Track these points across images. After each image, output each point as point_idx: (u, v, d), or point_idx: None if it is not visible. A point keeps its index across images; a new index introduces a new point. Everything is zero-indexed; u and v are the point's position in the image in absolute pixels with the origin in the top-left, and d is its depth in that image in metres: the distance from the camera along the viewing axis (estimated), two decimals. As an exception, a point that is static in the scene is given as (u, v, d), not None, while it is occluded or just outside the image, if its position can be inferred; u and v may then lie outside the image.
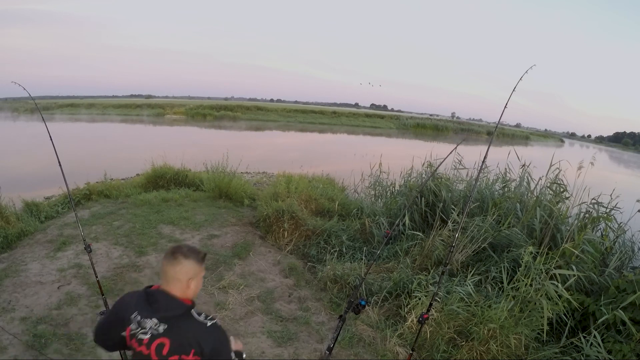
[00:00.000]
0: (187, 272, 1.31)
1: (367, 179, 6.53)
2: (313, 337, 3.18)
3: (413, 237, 4.35)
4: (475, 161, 5.01)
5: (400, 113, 60.33)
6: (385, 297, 3.57)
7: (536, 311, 2.93)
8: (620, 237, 4.34)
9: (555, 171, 4.43)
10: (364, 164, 6.73)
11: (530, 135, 47.10)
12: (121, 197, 6.36)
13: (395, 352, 2.97)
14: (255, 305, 3.56)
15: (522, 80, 2.56)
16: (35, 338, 2.83)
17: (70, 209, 5.56)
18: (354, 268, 3.94)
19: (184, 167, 7.55)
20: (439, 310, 3.07)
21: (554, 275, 3.03)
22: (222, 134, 23.31)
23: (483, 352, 2.81)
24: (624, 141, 77.30)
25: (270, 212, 5.23)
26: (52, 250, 4.26)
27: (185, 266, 1.31)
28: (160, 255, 4.36)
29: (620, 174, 20.01)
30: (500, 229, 4.00)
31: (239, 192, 6.67)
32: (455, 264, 3.81)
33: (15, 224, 4.67)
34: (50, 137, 2.78)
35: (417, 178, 5.32)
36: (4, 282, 3.55)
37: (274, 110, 39.33)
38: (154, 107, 35.14)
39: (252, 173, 9.70)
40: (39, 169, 8.95)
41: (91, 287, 3.55)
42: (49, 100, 39.35)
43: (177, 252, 1.32)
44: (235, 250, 4.69)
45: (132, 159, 10.11)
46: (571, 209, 4.33)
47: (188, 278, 1.32)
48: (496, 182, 5.27)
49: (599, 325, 2.96)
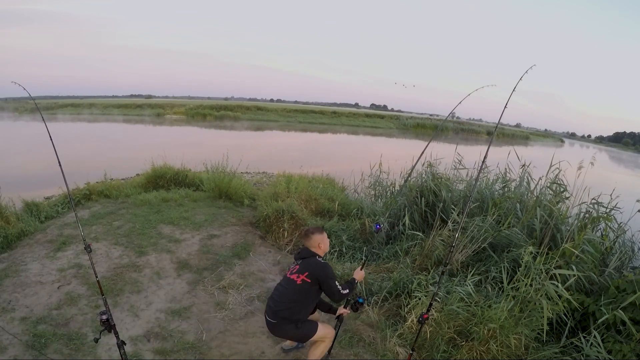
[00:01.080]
0: (315, 240, 2.46)
1: (367, 179, 6.53)
2: (313, 337, 3.17)
3: (413, 237, 4.35)
4: (475, 161, 5.01)
5: (400, 113, 60.26)
6: (385, 297, 3.57)
7: (536, 311, 2.92)
8: (620, 237, 4.34)
9: (555, 171, 4.43)
10: (364, 164, 6.73)
11: (530, 135, 47.09)
12: (121, 197, 6.36)
13: (395, 352, 2.97)
14: (255, 305, 3.56)
15: (522, 80, 2.56)
16: (35, 338, 2.83)
17: (70, 209, 5.56)
18: (354, 268, 3.93)
19: (184, 167, 7.55)
20: (439, 310, 3.07)
21: (554, 275, 3.03)
22: (222, 134, 23.30)
23: (483, 352, 2.81)
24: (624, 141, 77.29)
25: (270, 212, 5.23)
26: (52, 250, 4.27)
27: (313, 239, 2.47)
28: (160, 255, 4.37)
29: (620, 174, 20.01)
30: (500, 229, 4.00)
31: (239, 192, 6.67)
32: (455, 264, 3.80)
33: (15, 224, 4.67)
34: (50, 137, 2.78)
35: (417, 178, 5.32)
36: (4, 282, 3.55)
37: (274, 110, 39.31)
38: (154, 107, 35.13)
39: (252, 173, 9.70)
40: (39, 169, 8.95)
41: (91, 287, 3.56)
42: (49, 100, 39.35)
43: (308, 232, 2.49)
44: (235, 250, 4.69)
45: (132, 159, 10.12)
46: (571, 209, 4.33)
47: (318, 243, 2.47)
48: (496, 182, 5.27)
49: (599, 325, 2.96)
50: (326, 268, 2.37)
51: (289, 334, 2.44)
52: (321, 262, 2.39)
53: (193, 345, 2.93)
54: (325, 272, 2.34)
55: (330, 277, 2.33)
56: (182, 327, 3.15)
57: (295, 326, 2.35)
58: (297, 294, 2.34)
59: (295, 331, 2.37)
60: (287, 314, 2.32)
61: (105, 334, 2.22)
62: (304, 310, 2.38)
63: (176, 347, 2.90)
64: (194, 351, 2.88)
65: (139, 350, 2.83)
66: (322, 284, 2.33)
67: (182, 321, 3.24)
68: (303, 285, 2.32)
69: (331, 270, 2.39)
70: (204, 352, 2.89)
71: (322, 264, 2.38)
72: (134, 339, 2.93)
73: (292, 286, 2.35)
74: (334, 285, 2.33)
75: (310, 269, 2.34)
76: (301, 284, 2.32)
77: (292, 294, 2.35)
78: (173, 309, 3.39)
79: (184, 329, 3.13)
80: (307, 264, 2.37)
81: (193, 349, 2.91)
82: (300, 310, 2.35)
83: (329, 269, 2.38)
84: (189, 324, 3.20)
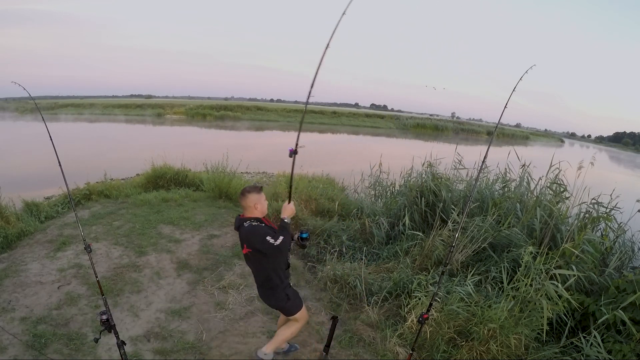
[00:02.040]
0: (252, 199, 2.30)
1: (367, 179, 6.53)
2: (313, 337, 3.17)
3: (413, 237, 4.35)
4: (475, 161, 5.01)
5: (400, 113, 60.30)
6: (385, 297, 3.57)
7: (536, 311, 2.92)
8: (620, 237, 4.34)
9: (555, 171, 4.43)
10: (364, 164, 6.72)
11: (530, 135, 47.10)
12: (121, 197, 6.37)
13: (395, 352, 2.97)
14: (255, 305, 3.55)
15: (522, 80, 2.56)
16: (35, 338, 2.83)
17: (70, 209, 5.56)
18: (354, 268, 3.93)
19: (184, 167, 7.56)
20: (439, 310, 3.07)
21: (554, 275, 3.02)
22: (222, 134, 23.30)
23: (483, 352, 2.81)
24: (624, 141, 77.24)
25: (270, 212, 5.23)
26: (52, 250, 4.27)
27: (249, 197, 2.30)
28: (160, 255, 4.37)
29: (620, 174, 20.00)
30: (500, 229, 4.00)
31: (238, 192, 6.66)
32: (455, 264, 3.80)
33: (15, 224, 4.67)
34: (50, 137, 2.77)
35: (417, 178, 5.32)
36: (4, 282, 3.55)
37: (274, 110, 39.32)
38: (154, 107, 35.14)
39: (252, 173, 9.71)
40: (39, 169, 8.95)
41: (91, 287, 3.56)
42: (49, 100, 39.35)
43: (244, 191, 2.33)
44: (235, 250, 4.69)
45: (132, 159, 10.12)
46: (571, 209, 4.33)
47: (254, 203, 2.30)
48: (496, 182, 5.27)
49: (599, 325, 2.95)
50: (255, 230, 2.22)
51: (280, 304, 2.46)
52: (249, 228, 2.23)
53: (193, 345, 2.93)
54: (256, 235, 2.20)
55: (261, 236, 2.18)
56: (182, 327, 3.15)
57: (287, 296, 2.40)
58: (258, 264, 2.34)
59: (287, 302, 2.43)
60: (265, 284, 2.39)
61: (105, 334, 2.22)
62: (272, 274, 2.34)
63: (176, 347, 2.90)
64: (194, 351, 2.88)
65: (139, 350, 2.83)
66: (258, 247, 2.21)
67: (182, 321, 3.24)
68: (253, 255, 2.29)
69: (260, 228, 2.23)
70: (204, 352, 2.89)
71: (249, 229, 2.23)
72: (134, 339, 2.93)
73: (251, 260, 2.36)
74: (267, 244, 2.17)
75: (245, 240, 2.27)
76: (252, 255, 2.29)
77: (255, 266, 2.37)
78: (173, 309, 3.39)
79: (184, 329, 3.13)
80: (242, 235, 2.29)
81: (193, 349, 2.91)
82: (271, 276, 2.34)
83: (258, 228, 2.23)
84: (189, 324, 3.20)
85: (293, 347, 2.93)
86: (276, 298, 2.41)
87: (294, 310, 2.49)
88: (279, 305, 2.48)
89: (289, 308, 2.47)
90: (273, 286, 2.38)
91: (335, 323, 2.73)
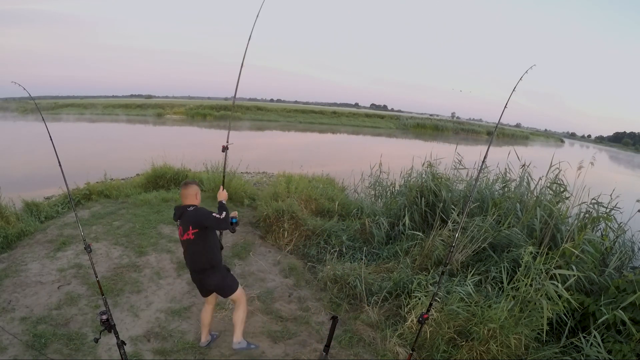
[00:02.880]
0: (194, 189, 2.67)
1: (367, 179, 6.54)
2: (313, 337, 3.18)
3: (413, 237, 4.35)
4: (475, 161, 5.01)
5: (400, 113, 60.24)
6: (385, 297, 3.57)
7: (536, 311, 2.92)
8: (620, 237, 4.34)
9: (555, 171, 4.43)
10: (364, 164, 6.73)
11: (530, 135, 47.07)
12: (121, 197, 6.37)
13: (395, 352, 2.97)
14: (255, 305, 3.56)
15: (522, 80, 2.56)
16: (35, 338, 2.83)
17: (70, 209, 5.56)
18: (354, 268, 3.93)
19: (183, 167, 7.55)
20: (439, 310, 3.07)
21: (554, 275, 3.03)
22: (222, 134, 23.16)
23: (483, 352, 2.81)
24: (624, 141, 77.18)
25: (270, 212, 5.23)
26: (52, 250, 4.27)
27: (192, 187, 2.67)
28: (160, 255, 4.37)
29: (620, 174, 20.00)
30: (500, 229, 4.00)
31: (239, 192, 6.67)
32: (455, 264, 3.81)
33: (15, 224, 4.67)
34: (50, 137, 2.77)
35: (417, 178, 5.32)
36: (4, 282, 3.55)
37: (274, 110, 39.30)
38: (154, 107, 35.13)
39: (252, 173, 9.71)
40: (39, 169, 8.95)
41: (91, 287, 3.56)
42: (49, 100, 39.34)
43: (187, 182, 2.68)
44: (235, 250, 4.69)
45: (132, 159, 10.12)
46: (571, 209, 4.33)
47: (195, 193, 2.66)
48: (496, 182, 5.27)
49: (599, 325, 2.96)
50: (201, 211, 2.55)
51: (216, 284, 2.68)
52: (194, 211, 2.56)
53: (193, 345, 2.93)
54: (203, 214, 2.52)
55: (207, 214, 2.50)
56: (182, 327, 3.15)
57: (222, 277, 2.68)
58: (201, 246, 2.56)
59: (223, 281, 2.68)
60: (207, 265, 2.60)
61: (105, 334, 2.22)
62: (214, 253, 2.64)
63: (176, 347, 2.90)
64: (194, 351, 2.88)
65: (139, 350, 2.83)
66: (205, 223, 2.51)
67: (182, 321, 3.24)
68: (198, 236, 2.52)
69: (204, 209, 2.57)
70: (204, 352, 2.89)
71: (195, 211, 2.55)
72: (134, 339, 2.93)
73: (193, 244, 2.55)
74: (213, 218, 2.48)
75: (191, 221, 2.52)
76: (196, 237, 2.52)
77: (198, 248, 2.57)
78: (173, 309, 3.39)
79: (184, 329, 3.13)
80: (187, 219, 2.55)
81: (193, 349, 2.91)
82: (213, 255, 2.62)
83: (202, 209, 2.57)
84: (189, 324, 3.20)
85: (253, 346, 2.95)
86: (218, 276, 2.65)
87: (234, 286, 2.73)
88: (220, 283, 2.68)
89: (230, 284, 2.72)
90: (214, 264, 2.63)
91: (335, 323, 2.72)
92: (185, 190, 2.65)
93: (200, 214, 2.52)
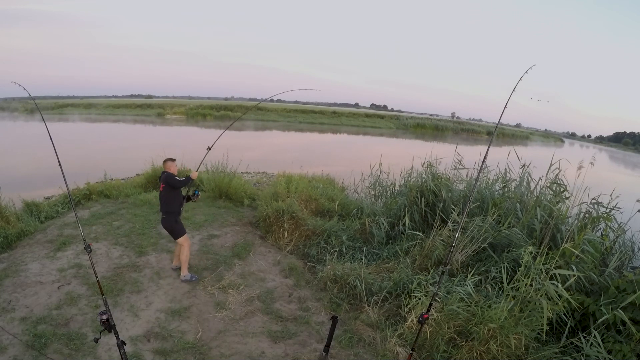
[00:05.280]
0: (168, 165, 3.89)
1: (367, 179, 6.53)
2: (313, 337, 3.18)
3: (413, 237, 4.35)
4: (475, 161, 5.01)
5: (400, 113, 60.20)
6: (385, 297, 3.57)
7: (536, 311, 2.92)
8: (620, 237, 4.34)
9: (555, 171, 4.43)
10: (364, 164, 6.72)
11: (530, 135, 47.09)
12: (121, 197, 6.37)
13: (395, 352, 2.97)
14: (255, 305, 3.56)
15: (522, 81, 2.56)
16: (35, 338, 2.83)
17: (70, 209, 5.56)
18: (354, 268, 3.93)
19: (184, 167, 7.54)
20: (439, 310, 3.07)
21: (554, 275, 3.03)
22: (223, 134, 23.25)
23: (483, 352, 2.81)
24: (624, 141, 77.14)
25: (270, 212, 5.23)
26: (52, 250, 4.27)
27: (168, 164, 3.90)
28: (160, 255, 4.38)
29: (620, 174, 20.00)
30: (500, 229, 4.00)
31: (239, 192, 6.67)
32: (455, 264, 3.80)
33: (15, 224, 4.67)
34: (50, 137, 2.78)
35: (417, 178, 5.31)
36: (4, 282, 3.55)
37: (274, 110, 39.28)
38: (154, 107, 35.14)
39: (252, 173, 9.71)
40: (39, 169, 8.94)
41: (91, 287, 3.56)
42: (49, 100, 39.34)
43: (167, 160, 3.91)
44: (235, 250, 4.69)
45: (132, 159, 10.11)
46: (571, 209, 4.33)
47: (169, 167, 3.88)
48: (496, 182, 5.26)
49: (599, 325, 2.96)
50: (170, 174, 3.79)
51: (171, 226, 3.80)
52: (168, 174, 3.77)
53: (193, 345, 2.93)
54: (171, 176, 3.76)
55: (173, 177, 3.76)
56: (182, 327, 3.15)
57: (175, 221, 3.82)
58: (168, 195, 3.80)
59: (175, 225, 3.82)
60: (167, 208, 3.79)
61: (105, 334, 2.21)
62: (174, 203, 3.83)
63: (176, 347, 2.90)
64: (193, 351, 2.88)
65: (139, 350, 2.83)
66: (169, 182, 3.72)
67: (182, 321, 3.24)
68: (165, 190, 3.79)
69: (173, 175, 3.81)
70: (204, 352, 2.89)
71: (168, 174, 3.77)
72: (134, 339, 2.93)
73: (161, 194, 3.83)
74: (176, 179, 3.76)
75: (164, 180, 3.76)
76: (164, 191, 3.79)
77: (164, 197, 3.81)
78: (173, 309, 3.39)
79: (184, 329, 3.13)
80: (162, 178, 3.78)
81: (193, 349, 2.91)
82: (172, 203, 3.82)
83: (170, 174, 3.79)
84: (189, 324, 3.20)
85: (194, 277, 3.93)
86: (171, 221, 3.79)
87: (181, 233, 3.85)
88: (170, 227, 3.81)
89: (177, 231, 3.83)
90: (171, 211, 3.80)
91: (335, 323, 2.72)
92: (165, 164, 3.89)
93: (170, 176, 3.76)
